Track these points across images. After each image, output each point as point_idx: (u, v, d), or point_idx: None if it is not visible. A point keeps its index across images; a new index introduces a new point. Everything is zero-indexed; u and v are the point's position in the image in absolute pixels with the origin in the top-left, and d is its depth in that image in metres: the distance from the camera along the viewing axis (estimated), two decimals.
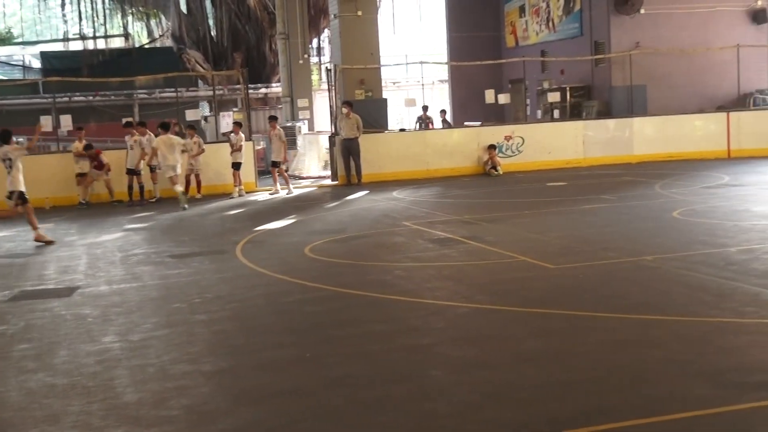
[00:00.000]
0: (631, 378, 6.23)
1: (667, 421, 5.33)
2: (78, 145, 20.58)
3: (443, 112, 29.62)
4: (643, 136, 24.72)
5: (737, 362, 6.39)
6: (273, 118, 22.99)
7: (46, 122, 21.02)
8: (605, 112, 26.83)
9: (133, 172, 20.56)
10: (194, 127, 22.21)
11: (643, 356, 6.72)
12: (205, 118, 31.77)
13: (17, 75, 43.54)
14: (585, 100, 28.23)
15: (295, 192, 21.73)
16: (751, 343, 6.86)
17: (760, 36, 28.16)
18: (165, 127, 20.01)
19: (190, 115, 25.74)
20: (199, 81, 39.23)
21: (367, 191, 20.49)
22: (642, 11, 27.05)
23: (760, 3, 28.00)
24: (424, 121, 28.76)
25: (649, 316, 7.89)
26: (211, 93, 31.58)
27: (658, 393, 5.86)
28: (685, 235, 12.16)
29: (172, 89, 30.82)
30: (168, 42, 43.06)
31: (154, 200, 20.70)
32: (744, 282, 8.89)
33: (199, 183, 21.21)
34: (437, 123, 29.23)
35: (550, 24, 30.96)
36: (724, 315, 7.77)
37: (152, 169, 20.61)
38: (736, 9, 28.07)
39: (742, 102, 27.19)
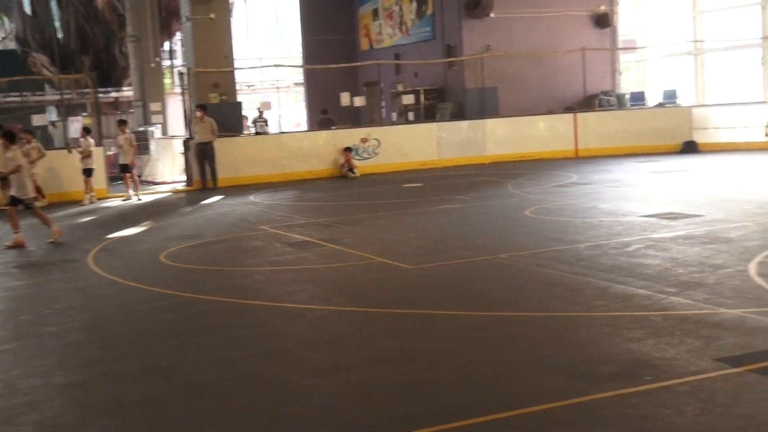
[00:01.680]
0: (487, 374, 6.35)
1: (523, 415, 5.45)
2: None
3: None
4: (496, 137, 25.30)
5: (589, 355, 6.60)
6: (122, 122, 22.41)
7: None
8: (459, 114, 27.31)
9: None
10: (31, 132, 21.30)
11: (499, 352, 6.86)
12: (53, 123, 30.72)
13: None
14: (439, 102, 28.66)
15: (150, 198, 21.28)
16: (601, 336, 7.10)
17: (604, 39, 29.24)
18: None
19: (37, 120, 24.81)
20: (46, 85, 37.90)
21: (224, 196, 20.26)
22: (492, 15, 27.66)
23: (602, 8, 29.04)
24: (257, 123, 28.43)
25: (505, 312, 8.06)
26: (58, 97, 30.55)
27: (514, 388, 5.99)
28: (537, 233, 12.49)
29: (17, 93, 29.72)
30: (12, 45, 41.44)
31: None
32: (593, 277, 9.19)
33: (38, 189, 20.47)
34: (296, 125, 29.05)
35: (404, 27, 31.32)
36: (576, 309, 8.01)
37: None
38: (580, 14, 29.03)
39: (588, 103, 28.17)
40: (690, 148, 24.81)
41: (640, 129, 25.58)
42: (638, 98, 28.89)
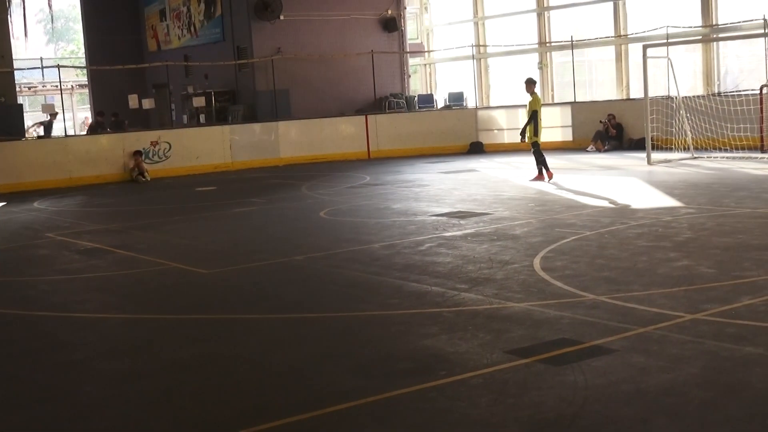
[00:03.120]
0: (288, 376, 6.36)
1: (325, 414, 5.48)
2: None
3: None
4: (289, 140, 25.36)
5: (386, 352, 6.72)
6: None
7: None
8: (251, 117, 27.17)
9: None
10: None
11: (298, 354, 6.88)
12: None
13: None
14: (230, 105, 28.43)
15: None
16: (397, 333, 7.25)
17: (392, 43, 29.88)
18: None
19: None
20: None
21: (5, 203, 19.27)
22: (282, 17, 27.68)
23: (390, 12, 29.67)
24: None
25: (302, 314, 8.10)
26: None
27: (315, 388, 6.02)
28: (332, 234, 12.62)
29: None
30: None
31: None
32: (388, 276, 9.37)
33: None
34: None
35: (192, 29, 30.85)
36: (371, 308, 8.14)
37: None
38: (369, 17, 29.52)
39: (378, 105, 28.71)
40: (476, 148, 25.72)
41: (429, 130, 26.31)
42: (426, 100, 29.77)
